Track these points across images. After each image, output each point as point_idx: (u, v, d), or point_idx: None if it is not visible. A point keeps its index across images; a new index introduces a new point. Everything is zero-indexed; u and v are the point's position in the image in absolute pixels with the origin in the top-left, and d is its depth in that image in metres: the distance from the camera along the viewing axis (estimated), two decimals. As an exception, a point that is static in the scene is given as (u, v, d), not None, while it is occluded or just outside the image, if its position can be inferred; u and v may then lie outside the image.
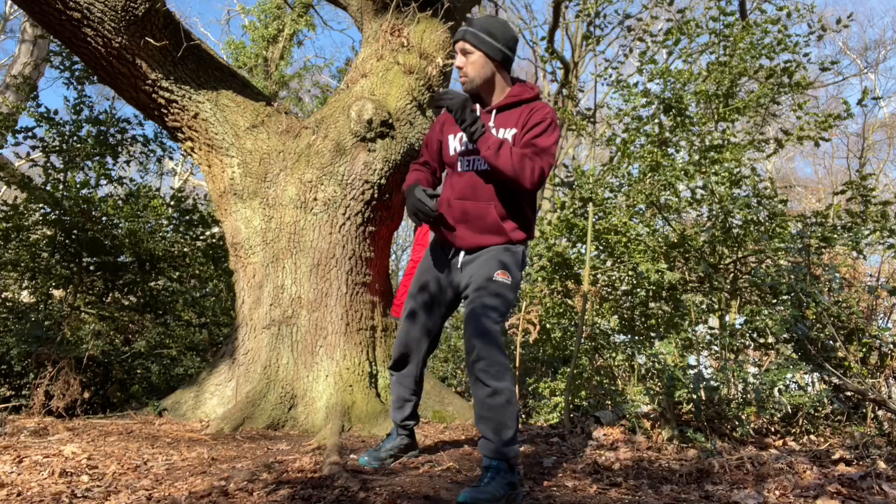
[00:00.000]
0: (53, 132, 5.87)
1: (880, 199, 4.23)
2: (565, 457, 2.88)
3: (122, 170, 6.48)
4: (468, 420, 4.08)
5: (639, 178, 5.03)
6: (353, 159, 4.22)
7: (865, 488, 2.01)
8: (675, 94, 5.10)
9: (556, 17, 10.85)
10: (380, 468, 2.51)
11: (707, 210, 4.65)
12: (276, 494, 2.03)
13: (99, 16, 3.80)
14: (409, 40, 4.77)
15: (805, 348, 3.42)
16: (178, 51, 4.11)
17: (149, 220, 6.08)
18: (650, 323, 4.62)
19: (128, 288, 5.97)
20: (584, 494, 2.08)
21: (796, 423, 3.41)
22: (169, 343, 5.95)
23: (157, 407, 4.10)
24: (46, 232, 5.61)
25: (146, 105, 4.33)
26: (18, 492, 2.01)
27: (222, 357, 4.27)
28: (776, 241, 4.04)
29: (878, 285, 3.72)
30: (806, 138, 5.28)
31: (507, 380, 2.03)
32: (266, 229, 4.23)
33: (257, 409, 3.69)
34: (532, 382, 6.21)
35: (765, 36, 5.43)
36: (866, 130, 17.70)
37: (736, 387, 3.52)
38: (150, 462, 2.57)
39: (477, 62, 2.24)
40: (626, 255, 4.65)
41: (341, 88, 4.90)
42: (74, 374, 3.97)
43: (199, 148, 4.50)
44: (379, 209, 4.31)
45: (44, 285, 5.50)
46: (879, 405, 3.18)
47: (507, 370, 2.04)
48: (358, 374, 3.88)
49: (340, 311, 4.03)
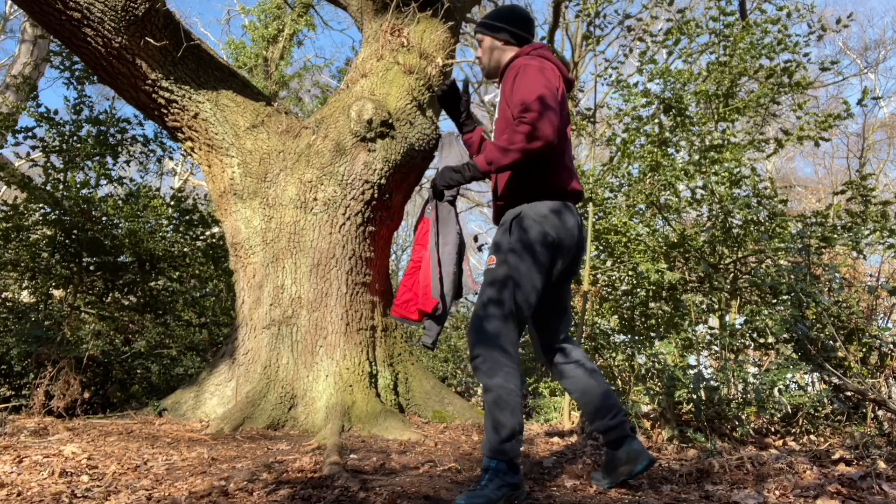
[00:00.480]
0: (53, 132, 5.87)
1: (880, 199, 4.23)
2: (565, 457, 2.88)
3: (122, 170, 6.48)
4: (468, 420, 4.08)
5: (639, 178, 5.04)
6: (353, 159, 4.22)
7: (865, 488, 2.01)
8: (675, 94, 5.10)
9: (556, 17, 10.85)
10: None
11: (707, 210, 4.65)
12: (276, 494, 2.03)
13: (99, 16, 3.79)
14: (409, 40, 4.77)
15: (805, 348, 3.42)
16: (178, 51, 4.11)
17: (149, 220, 6.08)
18: (650, 323, 4.62)
19: (128, 288, 5.97)
20: (584, 494, 2.08)
21: (796, 423, 3.41)
22: (169, 343, 5.95)
23: (157, 407, 4.10)
24: (46, 232, 5.61)
25: (146, 105, 4.33)
26: (18, 492, 2.01)
27: (222, 357, 4.27)
28: (776, 241, 4.04)
29: (878, 285, 3.72)
30: (806, 138, 5.28)
31: (498, 376, 1.95)
32: (266, 229, 4.23)
33: (257, 409, 3.69)
34: (532, 382, 6.21)
35: (765, 36, 5.43)
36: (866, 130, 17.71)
37: (736, 387, 3.52)
38: (150, 462, 2.57)
39: (486, 47, 2.38)
40: (626, 255, 4.65)
41: (341, 88, 4.90)
42: (74, 374, 3.97)
43: (199, 148, 4.50)
44: (379, 209, 4.31)
45: (44, 285, 5.50)
46: (879, 405, 3.18)
47: (500, 366, 1.96)
48: (358, 374, 3.88)
49: (340, 311, 4.03)
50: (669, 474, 2.36)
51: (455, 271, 2.63)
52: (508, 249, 2.08)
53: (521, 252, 2.05)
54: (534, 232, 2.07)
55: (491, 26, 2.36)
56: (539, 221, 2.08)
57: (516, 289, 2.02)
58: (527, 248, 2.05)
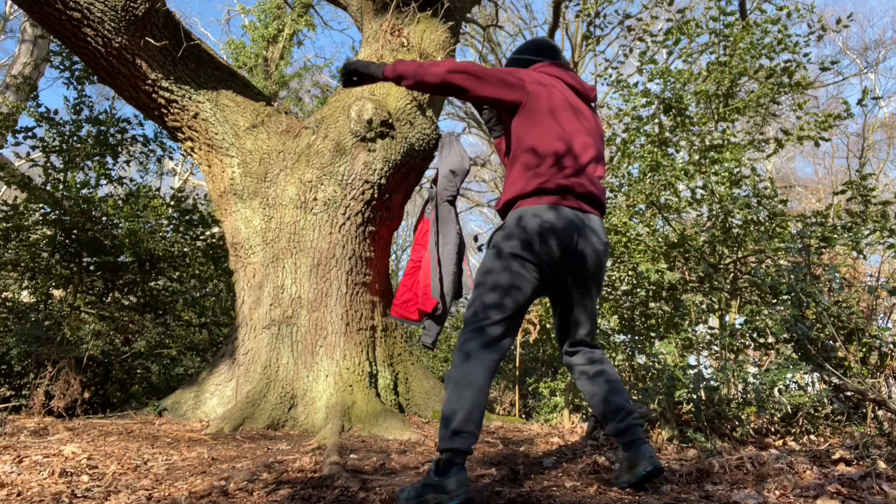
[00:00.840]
0: (53, 132, 5.87)
1: (880, 199, 4.23)
2: (565, 457, 2.88)
3: (122, 170, 6.48)
4: (468, 420, 4.07)
5: (639, 178, 5.03)
6: (353, 159, 4.22)
7: (865, 488, 2.01)
8: (675, 94, 5.09)
9: (556, 17, 10.85)
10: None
11: (707, 210, 4.64)
12: (276, 494, 2.03)
13: (99, 16, 3.79)
14: (409, 40, 4.77)
15: (805, 348, 3.42)
16: (178, 51, 4.11)
17: (149, 220, 6.08)
18: (650, 323, 4.61)
19: (128, 288, 5.97)
20: (583, 494, 2.08)
21: (796, 423, 3.41)
22: (169, 343, 5.95)
23: (157, 407, 4.10)
24: (46, 232, 5.61)
25: (146, 105, 4.33)
26: (18, 492, 2.01)
27: (222, 357, 4.27)
28: (776, 241, 4.03)
29: (878, 285, 3.72)
30: (806, 138, 5.28)
31: (454, 369, 1.93)
32: (266, 229, 4.23)
33: (257, 409, 3.69)
34: (532, 382, 6.22)
35: (765, 36, 5.43)
36: (866, 130, 17.71)
37: (736, 387, 3.52)
38: (150, 462, 2.57)
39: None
40: (626, 255, 4.65)
41: (341, 88, 4.90)
42: (74, 374, 3.97)
43: (199, 148, 4.50)
44: (379, 209, 4.31)
45: (44, 285, 5.50)
46: (879, 405, 3.18)
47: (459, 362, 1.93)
48: (358, 374, 3.88)
49: (340, 311, 4.03)
50: (669, 474, 2.36)
51: (455, 271, 2.63)
52: (487, 259, 2.07)
53: (497, 255, 2.05)
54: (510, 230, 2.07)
55: (509, 61, 2.45)
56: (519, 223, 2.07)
57: (478, 302, 2.01)
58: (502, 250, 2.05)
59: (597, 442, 3.26)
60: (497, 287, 2.00)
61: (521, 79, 2.13)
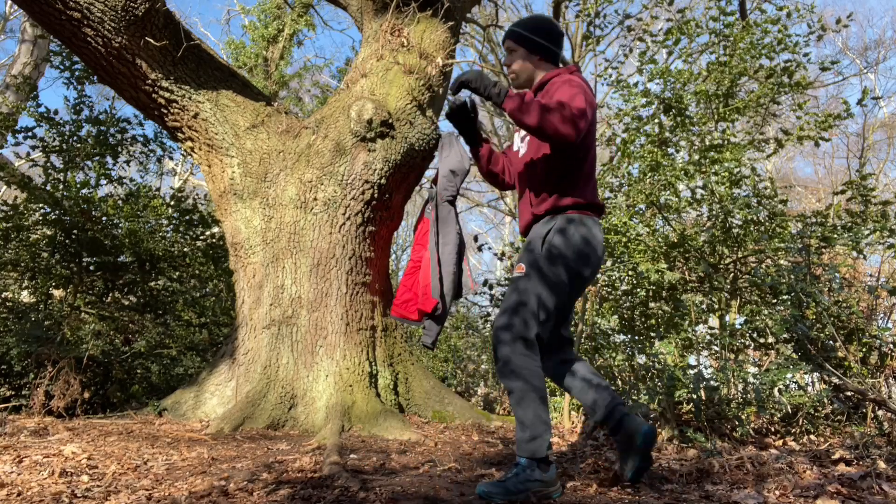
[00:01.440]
0: (53, 132, 5.87)
1: (880, 199, 4.23)
2: (565, 457, 2.88)
3: (122, 170, 6.48)
4: (468, 420, 4.08)
5: (639, 178, 5.03)
6: (353, 159, 4.22)
7: (865, 488, 2.01)
8: (675, 94, 5.09)
9: (556, 17, 10.84)
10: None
11: (707, 210, 4.64)
12: (276, 494, 2.03)
13: (99, 16, 3.80)
14: (409, 40, 4.76)
15: (805, 348, 3.42)
16: (178, 51, 4.11)
17: (149, 220, 6.08)
18: (650, 323, 4.62)
19: (128, 288, 5.97)
20: (583, 494, 2.08)
21: (796, 423, 3.41)
22: (169, 343, 5.95)
23: (157, 407, 4.10)
24: (46, 232, 5.61)
25: (146, 105, 4.33)
26: (18, 492, 2.01)
27: (222, 357, 4.27)
28: (776, 241, 4.04)
29: (878, 285, 3.72)
30: (806, 138, 5.28)
31: (517, 379, 2.03)
32: (266, 229, 4.23)
33: (257, 409, 3.69)
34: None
35: (765, 36, 5.43)
36: (866, 130, 17.70)
37: (736, 387, 3.52)
38: (150, 462, 2.57)
39: (520, 58, 2.36)
40: (626, 255, 4.65)
41: (341, 88, 4.90)
42: (74, 374, 3.97)
43: (199, 148, 4.50)
44: (379, 209, 4.31)
45: (44, 285, 5.50)
46: (879, 405, 3.18)
47: (515, 369, 2.03)
48: (358, 374, 3.88)
49: (340, 311, 4.03)
50: (669, 474, 2.36)
51: (455, 271, 2.62)
52: (547, 259, 2.13)
53: (558, 264, 2.12)
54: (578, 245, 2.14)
55: (528, 40, 2.33)
56: (584, 236, 2.16)
57: (526, 302, 2.08)
58: (567, 260, 2.12)
59: (597, 442, 3.26)
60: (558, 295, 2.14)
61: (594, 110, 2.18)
